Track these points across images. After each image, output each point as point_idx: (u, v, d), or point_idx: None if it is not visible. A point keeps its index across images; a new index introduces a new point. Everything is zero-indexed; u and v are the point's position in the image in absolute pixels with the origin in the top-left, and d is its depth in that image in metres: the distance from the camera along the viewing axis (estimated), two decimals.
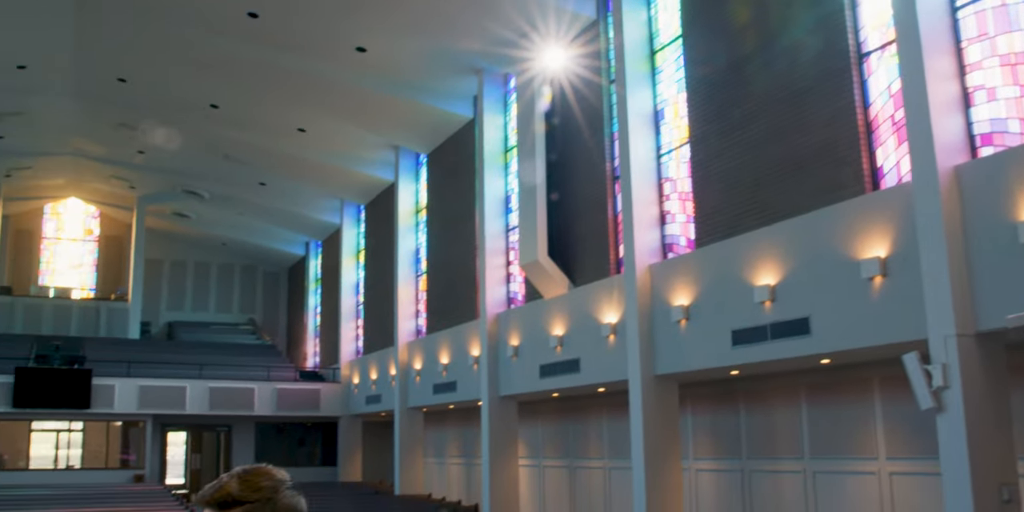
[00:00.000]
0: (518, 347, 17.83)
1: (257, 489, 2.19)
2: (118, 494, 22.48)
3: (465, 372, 20.19)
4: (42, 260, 38.13)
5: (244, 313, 39.09)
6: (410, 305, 24.50)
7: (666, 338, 13.39)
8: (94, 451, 28.53)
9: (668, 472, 13.55)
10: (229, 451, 29.85)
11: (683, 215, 14.45)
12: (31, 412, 26.67)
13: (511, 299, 19.46)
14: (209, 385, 27.79)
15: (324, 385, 29.58)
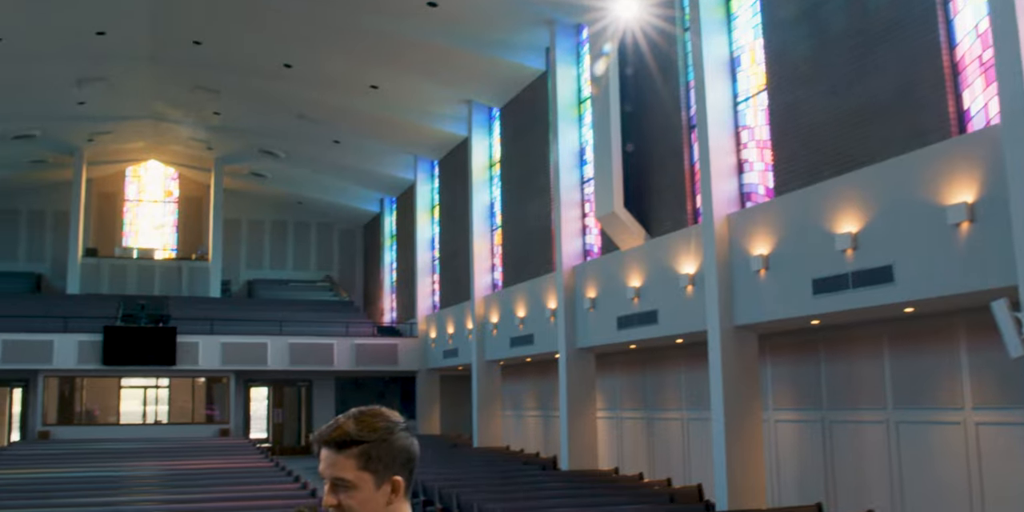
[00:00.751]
0: (595, 299, 17.87)
1: (373, 429, 2.26)
2: (205, 447, 23.18)
3: (542, 325, 20.31)
4: (125, 222, 39.09)
5: (321, 270, 39.70)
6: (486, 259, 24.66)
7: (745, 288, 13.31)
8: (180, 407, 29.45)
9: (748, 423, 13.54)
10: (310, 405, 30.55)
11: (761, 163, 14.26)
12: (120, 369, 27.56)
13: (587, 251, 19.47)
14: (289, 341, 28.38)
15: (401, 340, 30.01)
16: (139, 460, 19.85)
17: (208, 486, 14.55)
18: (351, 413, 2.30)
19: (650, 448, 18.85)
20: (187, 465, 18.50)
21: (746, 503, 13.08)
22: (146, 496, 13.61)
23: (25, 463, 19.16)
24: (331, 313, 32.72)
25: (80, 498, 13.23)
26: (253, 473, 16.79)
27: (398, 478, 2.26)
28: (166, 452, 21.74)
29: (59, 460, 19.85)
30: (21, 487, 14.83)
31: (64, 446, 23.59)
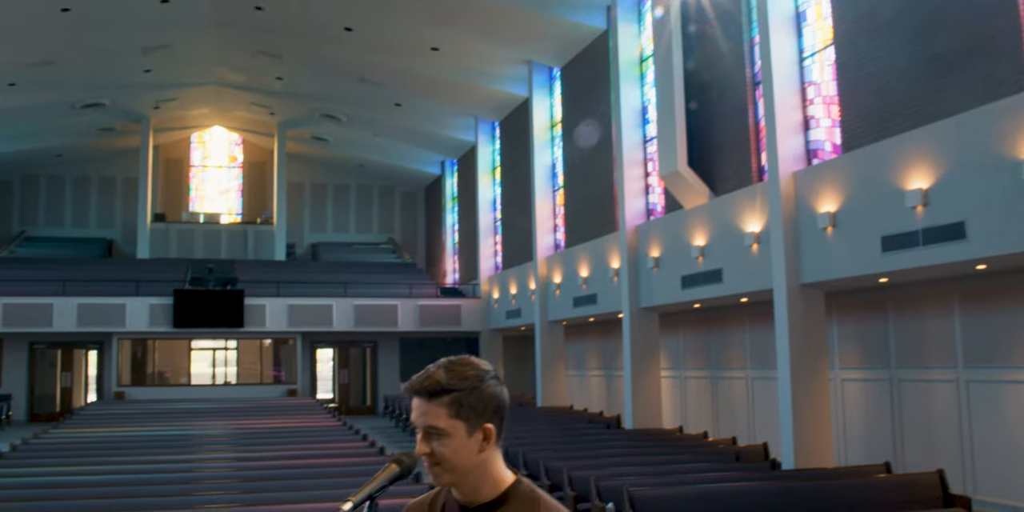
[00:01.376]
0: (658, 258, 17.81)
1: (464, 378, 2.28)
2: (274, 407, 23.65)
3: (605, 285, 20.31)
4: (191, 187, 39.75)
5: (383, 233, 40.03)
6: (548, 220, 24.65)
7: (812, 246, 13.16)
8: (248, 368, 30.09)
9: (815, 382, 13.45)
10: (375, 366, 30.96)
11: (828, 120, 14.03)
12: (190, 331, 28.17)
13: (650, 211, 19.38)
14: (354, 303, 28.74)
15: (464, 301, 30.22)
16: (209, 419, 20.31)
17: (277, 444, 14.86)
18: (441, 362, 2.33)
19: (714, 407, 18.84)
20: (256, 424, 18.91)
21: (813, 462, 13.04)
22: (217, 454, 13.95)
23: (102, 422, 19.73)
24: (394, 275, 33.04)
25: (154, 455, 13.62)
26: (321, 432, 17.10)
27: (490, 426, 2.30)
28: (235, 412, 22.21)
29: (133, 419, 20.40)
30: (98, 445, 15.31)
31: (138, 406, 24.23)
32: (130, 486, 10.56)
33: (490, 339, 29.68)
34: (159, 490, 10.19)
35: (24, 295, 26.93)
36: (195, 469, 12.17)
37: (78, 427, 18.65)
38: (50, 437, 16.47)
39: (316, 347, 30.58)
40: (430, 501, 2.45)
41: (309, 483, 10.32)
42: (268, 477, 11.01)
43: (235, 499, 9.45)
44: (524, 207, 26.33)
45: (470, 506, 2.32)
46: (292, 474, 11.16)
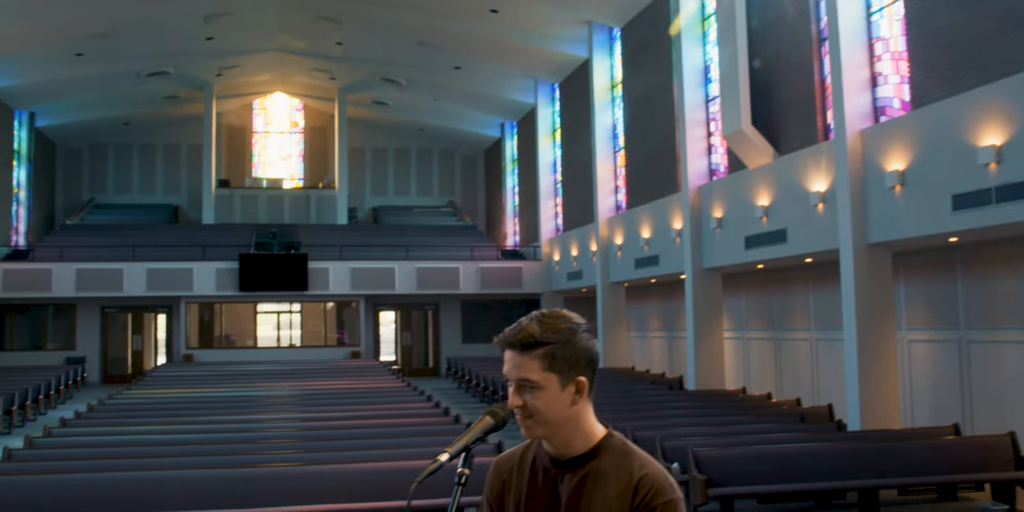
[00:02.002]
0: (721, 219, 17.64)
1: (556, 330, 2.27)
2: (338, 369, 23.98)
3: (667, 246, 20.19)
4: (254, 153, 40.17)
5: (443, 196, 40.14)
6: (609, 181, 24.52)
7: (879, 205, 12.93)
8: (311, 331, 30.56)
9: (881, 343, 13.28)
10: (437, 328, 31.21)
11: (896, 76, 13.70)
12: (255, 295, 28.64)
13: (713, 171, 19.17)
14: (416, 266, 28.95)
15: (525, 263, 30.27)
16: (275, 381, 20.67)
17: (342, 405, 15.08)
18: (534, 315, 2.32)
19: (777, 369, 18.72)
20: (321, 385, 19.20)
21: (879, 424, 12.91)
22: (282, 414, 14.21)
23: (171, 384, 20.19)
24: (455, 238, 33.18)
25: (222, 415, 13.93)
26: (387, 393, 17.33)
27: (582, 378, 2.29)
28: (300, 373, 22.55)
29: (201, 381, 20.84)
30: (168, 405, 15.69)
31: (206, 368, 24.75)
32: (199, 445, 10.83)
33: (551, 301, 29.72)
34: (227, 449, 10.43)
35: (95, 261, 27.57)
36: (261, 429, 12.41)
37: (149, 388, 19.11)
38: (123, 398, 16.91)
39: (379, 310, 30.90)
40: (520, 454, 2.45)
41: (374, 443, 10.47)
42: (333, 437, 11.19)
43: (301, 458, 9.64)
44: (585, 169, 26.20)
45: (561, 459, 2.32)
46: (357, 434, 11.33)
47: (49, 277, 27.14)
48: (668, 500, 2.22)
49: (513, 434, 4.67)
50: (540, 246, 30.16)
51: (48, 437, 11.52)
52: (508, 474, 2.42)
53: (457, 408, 17.16)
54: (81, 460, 9.73)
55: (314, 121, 40.29)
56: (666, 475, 2.27)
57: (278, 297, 29.29)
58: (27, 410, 18.89)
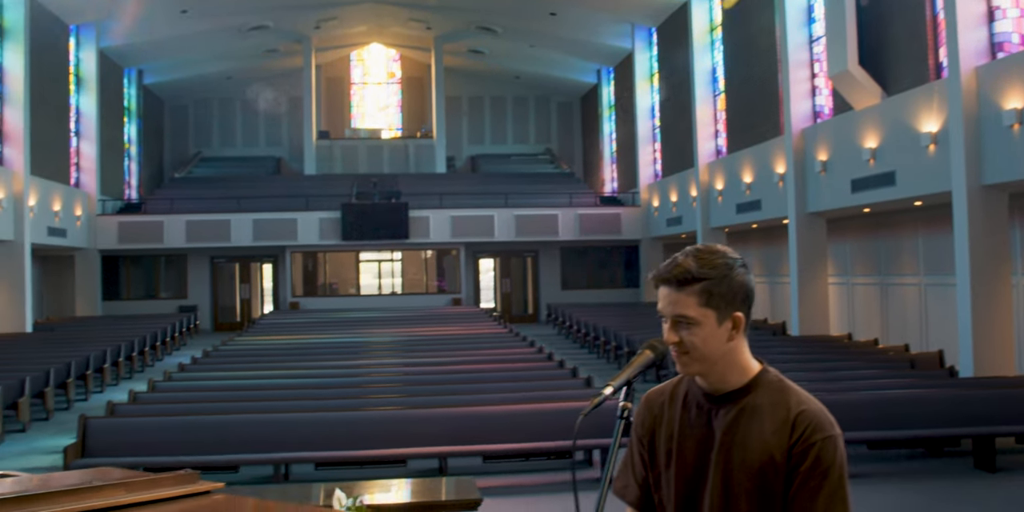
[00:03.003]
0: (826, 162, 17.23)
1: (713, 266, 2.23)
2: (440, 316, 24.32)
3: (770, 190, 19.84)
4: (352, 105, 40.57)
5: (540, 143, 40.03)
6: (709, 125, 24.13)
7: (996, 145, 12.45)
8: (412, 279, 31.03)
9: (996, 288, 12.88)
10: (536, 275, 31.35)
11: (1015, 9, 13.09)
12: (357, 244, 29.13)
13: (817, 113, 18.69)
14: (514, 213, 29.04)
15: (624, 209, 30.12)
16: (378, 327, 21.08)
17: (447, 351, 15.33)
18: (688, 251, 2.29)
19: (884, 315, 18.34)
20: (424, 331, 19.52)
21: (992, 370, 12.59)
22: (389, 359, 14.50)
23: (278, 331, 20.77)
24: (553, 185, 33.14)
25: (327, 361, 14.30)
26: (489, 338, 17.53)
27: (739, 314, 2.25)
28: (402, 320, 22.93)
29: (307, 328, 21.38)
30: (276, 351, 16.17)
31: (311, 315, 25.35)
32: (305, 389, 11.19)
33: (650, 247, 29.57)
34: (332, 393, 10.75)
35: (204, 212, 28.36)
36: (367, 373, 12.71)
37: (259, 335, 19.70)
38: (235, 345, 17.47)
39: (478, 257, 31.15)
40: (671, 390, 2.41)
41: (480, 387, 10.64)
42: (438, 381, 11.40)
43: (406, 402, 9.84)
44: (684, 113, 25.81)
45: (716, 394, 2.29)
46: (463, 379, 11.52)
47: (161, 229, 28.04)
48: (828, 436, 2.18)
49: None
50: (639, 192, 29.93)
51: (168, 381, 12.01)
52: (659, 409, 2.39)
53: (559, 354, 17.29)
54: (198, 402, 10.14)
55: (411, 71, 40.44)
56: (824, 411, 2.23)
57: (380, 246, 29.75)
58: (146, 356, 19.66)
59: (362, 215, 28.70)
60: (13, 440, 11.93)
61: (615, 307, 26.10)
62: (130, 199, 31.89)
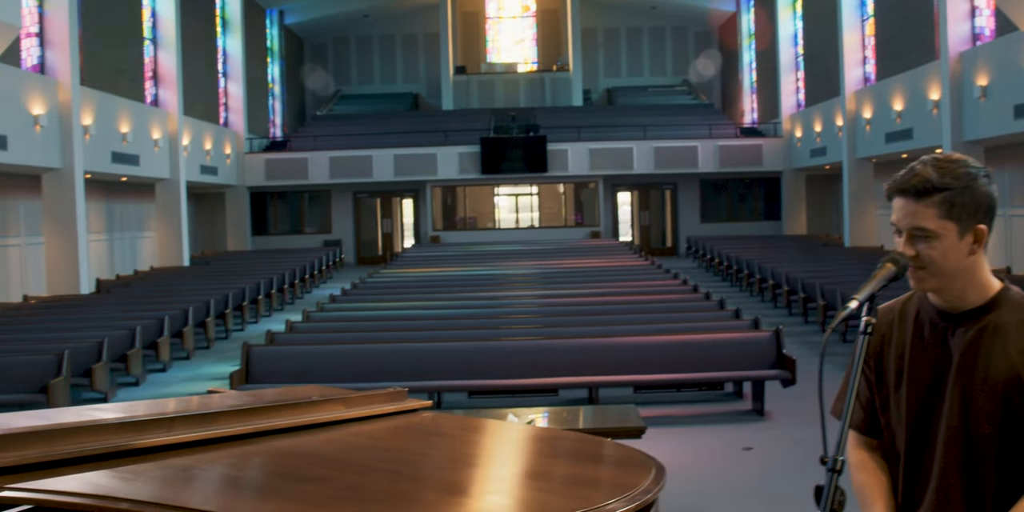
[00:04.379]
0: (987, 87, 16.39)
1: (955, 176, 2.10)
2: (580, 248, 24.36)
3: (922, 118, 19.03)
4: (488, 39, 40.49)
5: (677, 75, 39.24)
6: (856, 52, 23.20)
7: None
8: (549, 213, 31.17)
9: None
10: (675, 208, 31.03)
11: None
12: (496, 177, 29.34)
13: (976, 35, 17.74)
14: (653, 145, 28.71)
15: (765, 140, 29.41)
16: (519, 260, 21.26)
17: (589, 282, 15.39)
18: (927, 160, 2.17)
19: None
20: (565, 264, 19.61)
21: None
22: (531, 291, 14.64)
23: (421, 264, 21.21)
24: (691, 116, 32.52)
25: (471, 292, 14.56)
26: (631, 270, 17.51)
27: (982, 227, 2.12)
28: (541, 253, 23.01)
29: (447, 261, 21.74)
30: (418, 284, 16.56)
31: (451, 249, 25.76)
32: (447, 319, 11.46)
33: (792, 179, 28.86)
34: (477, 323, 10.95)
35: (346, 149, 28.97)
36: (511, 305, 12.89)
37: (401, 268, 20.16)
38: (380, 277, 17.94)
39: (616, 190, 30.98)
40: (900, 307, 2.30)
41: (625, 318, 10.66)
42: (582, 312, 11.47)
43: (551, 332, 9.93)
44: (830, 40, 24.83)
45: (953, 312, 2.17)
46: (606, 310, 11.57)
47: (305, 165, 28.81)
48: None
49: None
50: (780, 123, 29.15)
51: (321, 312, 12.46)
52: (887, 328, 2.28)
53: (704, 287, 17.15)
54: (349, 332, 10.52)
55: (545, 4, 40.01)
56: None
57: (518, 179, 29.87)
58: (296, 288, 20.38)
59: (501, 149, 28.84)
60: (179, 367, 12.61)
61: (756, 240, 25.67)
62: (275, 137, 32.80)
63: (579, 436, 2.03)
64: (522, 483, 1.74)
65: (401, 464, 1.82)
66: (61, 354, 9.21)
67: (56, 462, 1.45)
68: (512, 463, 1.89)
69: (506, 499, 1.60)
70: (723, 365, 8.50)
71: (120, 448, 1.55)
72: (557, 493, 1.63)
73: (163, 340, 12.16)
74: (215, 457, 1.64)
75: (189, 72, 24.45)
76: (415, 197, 30.65)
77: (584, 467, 1.79)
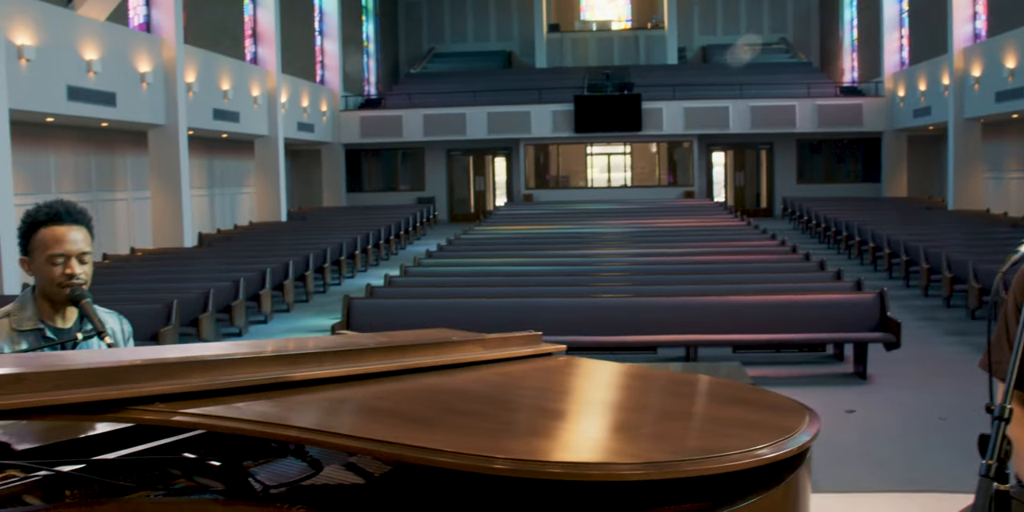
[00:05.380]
0: None
1: None
2: (673, 208, 24.14)
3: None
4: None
5: (775, 32, 38.33)
6: (966, 7, 22.31)
7: None
8: (642, 172, 30.92)
9: None
10: (771, 168, 30.50)
11: None
12: (590, 136, 29.17)
13: None
14: (749, 104, 28.20)
15: (865, 100, 28.65)
16: (611, 219, 21.16)
17: (683, 242, 15.26)
18: None
19: None
20: (658, 223, 19.46)
21: None
22: (625, 249, 14.58)
23: (513, 221, 21.26)
24: (789, 75, 31.79)
25: (564, 250, 14.58)
26: (727, 231, 17.31)
27: None
28: (633, 212, 22.87)
29: (540, 219, 21.76)
30: (511, 241, 16.62)
31: (543, 207, 25.77)
32: (541, 276, 11.49)
33: (893, 139, 28.09)
34: (568, 280, 10.97)
35: (440, 106, 29.07)
36: (604, 262, 12.86)
37: (494, 226, 20.25)
38: (474, 234, 18.07)
39: (711, 150, 30.56)
40: None
41: (722, 277, 10.55)
42: (678, 271, 11.39)
43: (648, 290, 9.87)
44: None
45: None
46: (702, 269, 11.47)
47: (399, 123, 29.02)
48: None
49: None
50: (882, 82, 28.33)
51: (418, 267, 12.61)
52: None
53: (803, 248, 16.88)
54: (446, 287, 10.63)
55: None
56: None
57: (611, 138, 29.66)
58: (391, 244, 20.65)
59: (594, 107, 28.63)
60: (280, 319, 12.91)
61: (855, 201, 25.10)
62: (369, 95, 33.09)
63: (722, 381, 2.02)
64: (674, 423, 1.74)
65: (549, 401, 1.85)
66: (170, 303, 9.50)
67: (218, 391, 1.51)
68: (660, 403, 1.90)
69: (662, 439, 1.60)
70: (825, 327, 8.37)
71: (277, 380, 1.60)
72: (714, 433, 1.64)
73: (265, 292, 12.45)
74: (370, 391, 1.68)
75: (287, 30, 24.73)
76: (508, 155, 30.67)
77: (735, 409, 1.79)
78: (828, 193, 28.56)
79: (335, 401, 1.60)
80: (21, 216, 2.72)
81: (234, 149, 23.98)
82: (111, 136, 18.31)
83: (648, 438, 1.55)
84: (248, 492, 1.52)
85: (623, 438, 1.57)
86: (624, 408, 1.86)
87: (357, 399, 1.62)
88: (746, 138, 29.68)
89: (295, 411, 1.51)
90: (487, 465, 1.33)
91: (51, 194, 16.91)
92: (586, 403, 1.88)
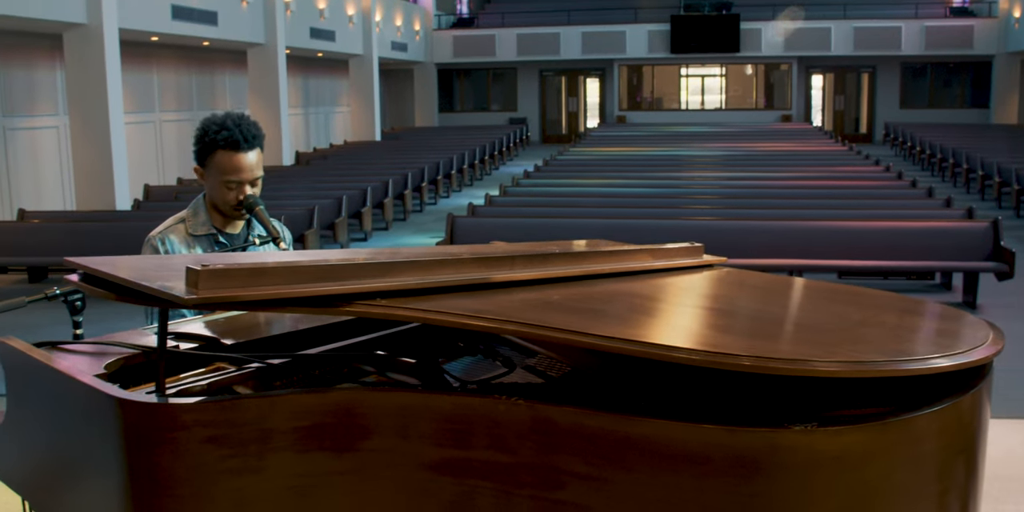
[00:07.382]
0: None
1: None
2: (770, 131, 23.66)
3: None
4: None
5: None
6: None
7: None
8: (736, 95, 30.23)
9: None
10: (872, 93, 29.62)
11: None
12: (686, 57, 28.60)
13: None
14: (853, 25, 27.31)
15: (977, 21, 27.47)
16: (706, 142, 20.88)
17: (781, 166, 15.01)
18: None
19: None
20: (755, 147, 19.14)
21: None
22: (721, 172, 14.40)
23: (607, 143, 21.12)
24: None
25: (659, 172, 14.48)
26: (827, 155, 16.97)
27: None
28: (728, 136, 22.48)
29: (633, 141, 21.56)
30: (605, 163, 16.57)
31: (637, 129, 25.50)
32: (631, 198, 11.49)
33: (1006, 64, 26.97)
34: (666, 202, 10.91)
35: (533, 26, 28.72)
36: (700, 185, 12.75)
37: (588, 147, 20.16)
38: (569, 156, 18.03)
39: (811, 73, 29.76)
40: None
41: (824, 202, 10.38)
42: (777, 195, 11.25)
43: (743, 214, 9.77)
44: None
45: None
46: (802, 194, 11.29)
47: (492, 43, 28.81)
48: None
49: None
50: (996, 2, 27.08)
51: (516, 187, 12.68)
52: None
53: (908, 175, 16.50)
54: (544, 207, 10.68)
55: None
56: None
57: (708, 59, 29.05)
58: (486, 164, 20.72)
59: (691, 27, 28.03)
60: (379, 237, 13.14)
61: (962, 128, 24.28)
62: (462, 14, 32.79)
63: (892, 294, 2.05)
64: (867, 329, 1.77)
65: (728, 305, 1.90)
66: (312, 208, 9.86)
67: (429, 289, 1.59)
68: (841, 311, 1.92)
69: (862, 341, 1.64)
70: (934, 255, 8.23)
71: (480, 281, 1.68)
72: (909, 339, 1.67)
73: (366, 210, 12.66)
74: (567, 293, 1.76)
75: None
76: (601, 76, 30.29)
77: (918, 319, 1.82)
78: (933, 119, 27.67)
79: (539, 301, 1.67)
80: (198, 125, 2.83)
81: (328, 68, 24.11)
82: (212, 55, 18.56)
83: (847, 341, 1.60)
84: (444, 386, 1.61)
85: (825, 342, 1.61)
86: (813, 314, 1.90)
87: (556, 300, 1.69)
88: (848, 60, 28.80)
89: (506, 308, 1.59)
90: (760, 364, 1.38)
91: (154, 112, 17.32)
92: (778, 309, 1.93)
